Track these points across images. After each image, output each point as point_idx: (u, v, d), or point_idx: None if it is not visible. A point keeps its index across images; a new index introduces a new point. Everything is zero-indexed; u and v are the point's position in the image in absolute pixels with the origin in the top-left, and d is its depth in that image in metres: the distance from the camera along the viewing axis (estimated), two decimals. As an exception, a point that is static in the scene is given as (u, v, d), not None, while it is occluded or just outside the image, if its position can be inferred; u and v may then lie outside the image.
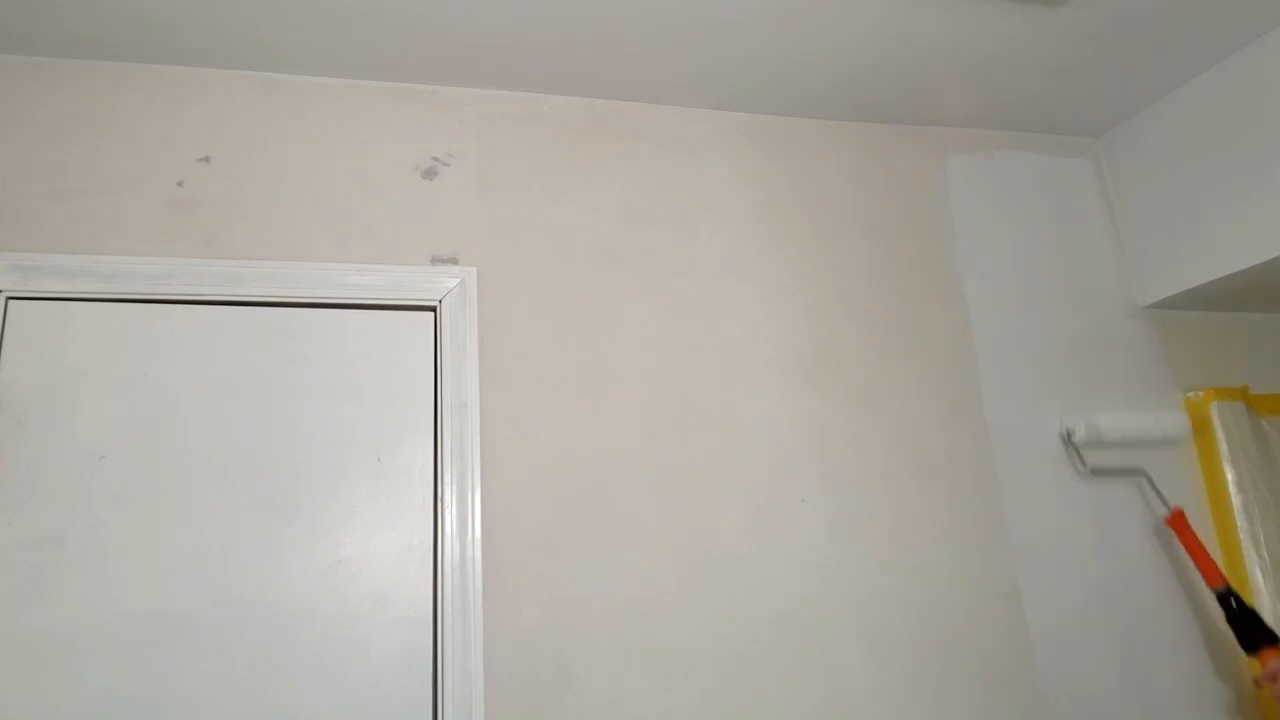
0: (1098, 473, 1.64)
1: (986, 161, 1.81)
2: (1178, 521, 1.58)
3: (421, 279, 1.43)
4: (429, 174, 1.50)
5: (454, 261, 1.46)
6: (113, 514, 1.23)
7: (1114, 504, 1.64)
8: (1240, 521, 1.65)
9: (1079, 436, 1.63)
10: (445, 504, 1.33)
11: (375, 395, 1.37)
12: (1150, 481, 1.64)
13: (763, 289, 1.60)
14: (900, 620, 1.47)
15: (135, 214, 1.36)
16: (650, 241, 1.57)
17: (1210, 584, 1.52)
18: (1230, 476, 1.67)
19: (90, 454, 1.24)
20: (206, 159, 1.41)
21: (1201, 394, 1.73)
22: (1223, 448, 1.69)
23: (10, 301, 1.28)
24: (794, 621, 1.42)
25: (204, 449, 1.28)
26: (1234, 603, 1.49)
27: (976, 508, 1.57)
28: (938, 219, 1.74)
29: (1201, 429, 1.72)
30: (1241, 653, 1.49)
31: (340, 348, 1.38)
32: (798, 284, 1.62)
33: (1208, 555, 1.54)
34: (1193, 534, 1.56)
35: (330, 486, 1.31)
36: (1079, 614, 1.55)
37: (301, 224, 1.42)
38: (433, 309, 1.43)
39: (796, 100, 1.68)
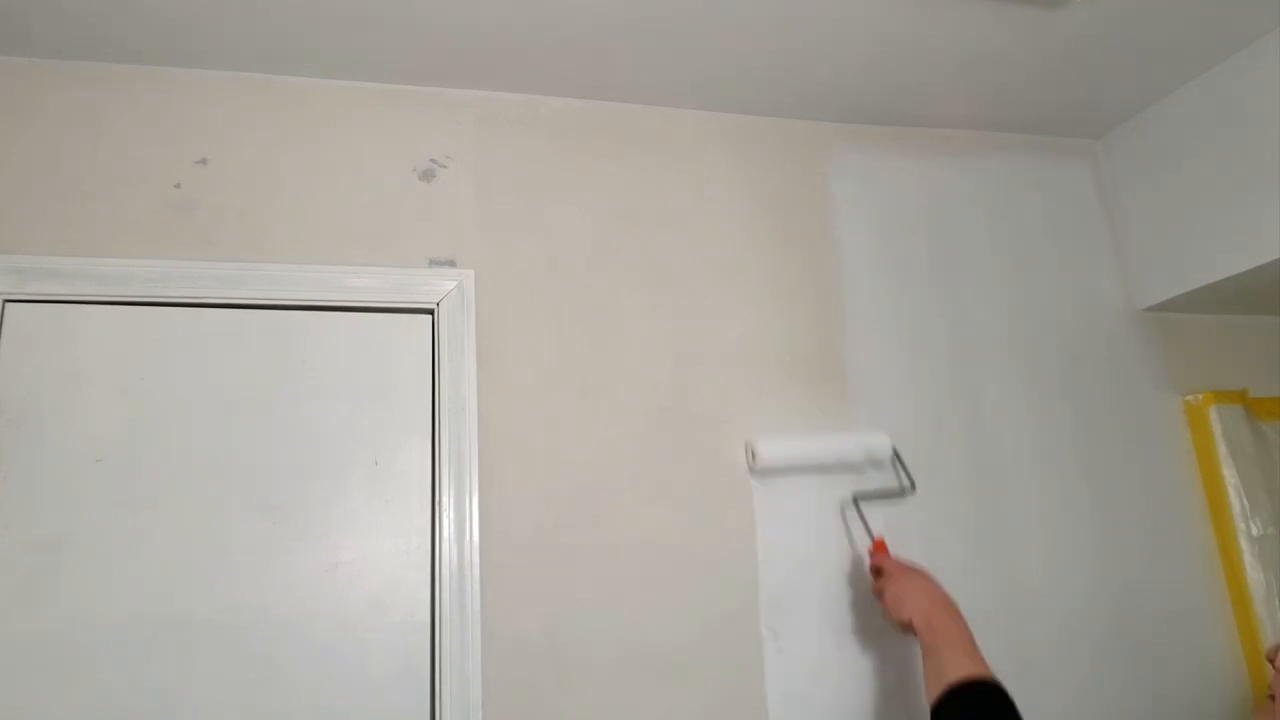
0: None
1: (984, 163, 1.81)
2: (879, 550, 1.44)
3: (419, 281, 1.43)
4: (426, 176, 1.50)
5: (451, 264, 1.46)
6: (110, 517, 1.23)
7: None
8: (1239, 525, 1.65)
9: (756, 462, 1.45)
10: (443, 507, 1.33)
11: (373, 398, 1.37)
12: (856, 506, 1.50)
13: (762, 291, 1.60)
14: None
15: (133, 216, 1.36)
16: (648, 243, 1.57)
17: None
18: (1229, 480, 1.67)
19: (88, 456, 1.24)
20: (204, 161, 1.41)
21: (1200, 397, 1.73)
22: (1222, 451, 1.69)
23: (8, 304, 1.27)
24: (795, 625, 1.42)
25: (202, 452, 1.28)
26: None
27: (979, 507, 1.57)
28: (935, 220, 1.74)
29: (1200, 432, 1.72)
30: None
31: (337, 350, 1.38)
32: (797, 285, 1.62)
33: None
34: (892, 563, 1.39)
35: (328, 489, 1.31)
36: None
37: (299, 226, 1.42)
38: (430, 311, 1.43)
39: (794, 101, 1.67)
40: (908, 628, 1.27)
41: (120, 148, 1.38)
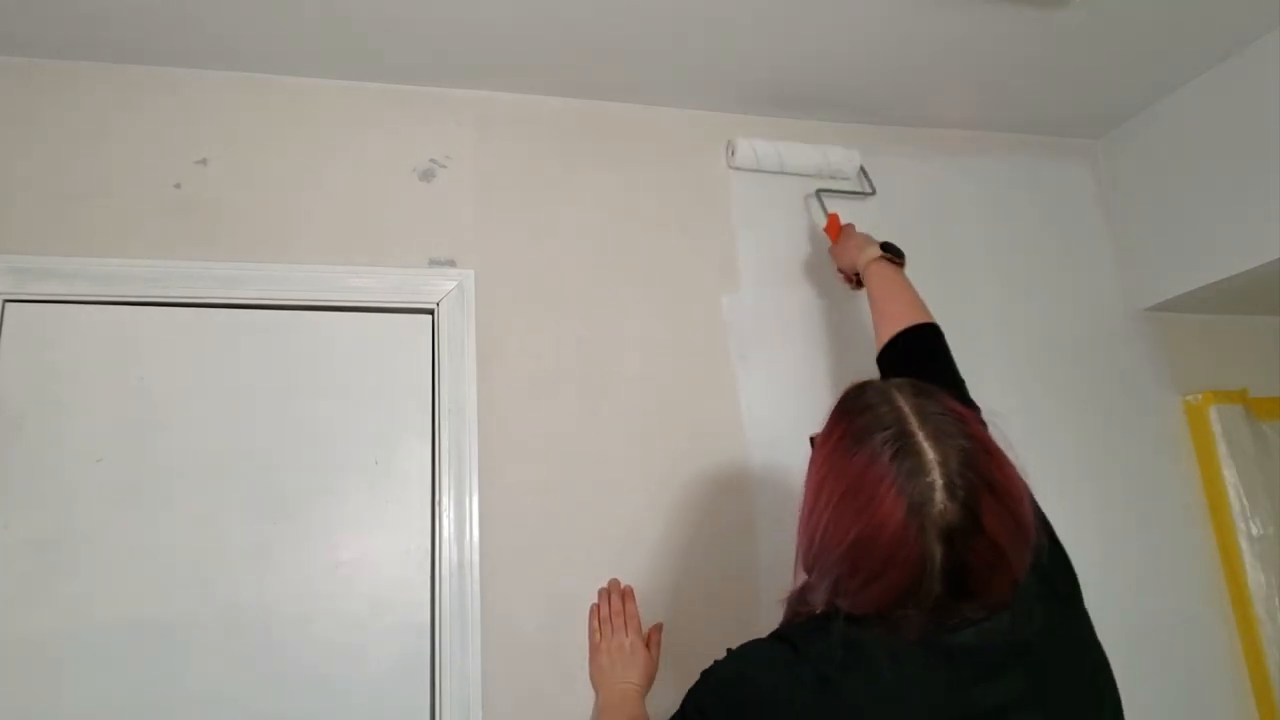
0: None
1: (984, 163, 1.81)
2: (832, 226, 1.55)
3: (419, 281, 1.43)
4: (426, 176, 1.50)
5: (451, 264, 1.46)
6: (110, 517, 1.23)
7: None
8: (1239, 525, 1.65)
9: (736, 158, 1.63)
10: (443, 507, 1.33)
11: (373, 398, 1.37)
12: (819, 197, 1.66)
13: (762, 290, 1.60)
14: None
15: (133, 216, 1.36)
16: (648, 243, 1.57)
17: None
18: (1229, 479, 1.67)
19: (88, 456, 1.24)
20: (204, 161, 1.41)
21: (1201, 397, 1.73)
22: (1222, 451, 1.69)
23: (8, 304, 1.27)
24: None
25: (202, 451, 1.28)
26: None
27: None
28: (936, 220, 1.74)
29: (1201, 432, 1.72)
30: None
31: (338, 350, 1.38)
32: (797, 284, 1.62)
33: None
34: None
35: (328, 489, 1.31)
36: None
37: (299, 226, 1.42)
38: (430, 311, 1.43)
39: (794, 101, 1.67)
40: (853, 280, 1.42)
41: (120, 148, 1.39)
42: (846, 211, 1.60)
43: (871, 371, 1.59)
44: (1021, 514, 0.77)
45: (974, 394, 1.68)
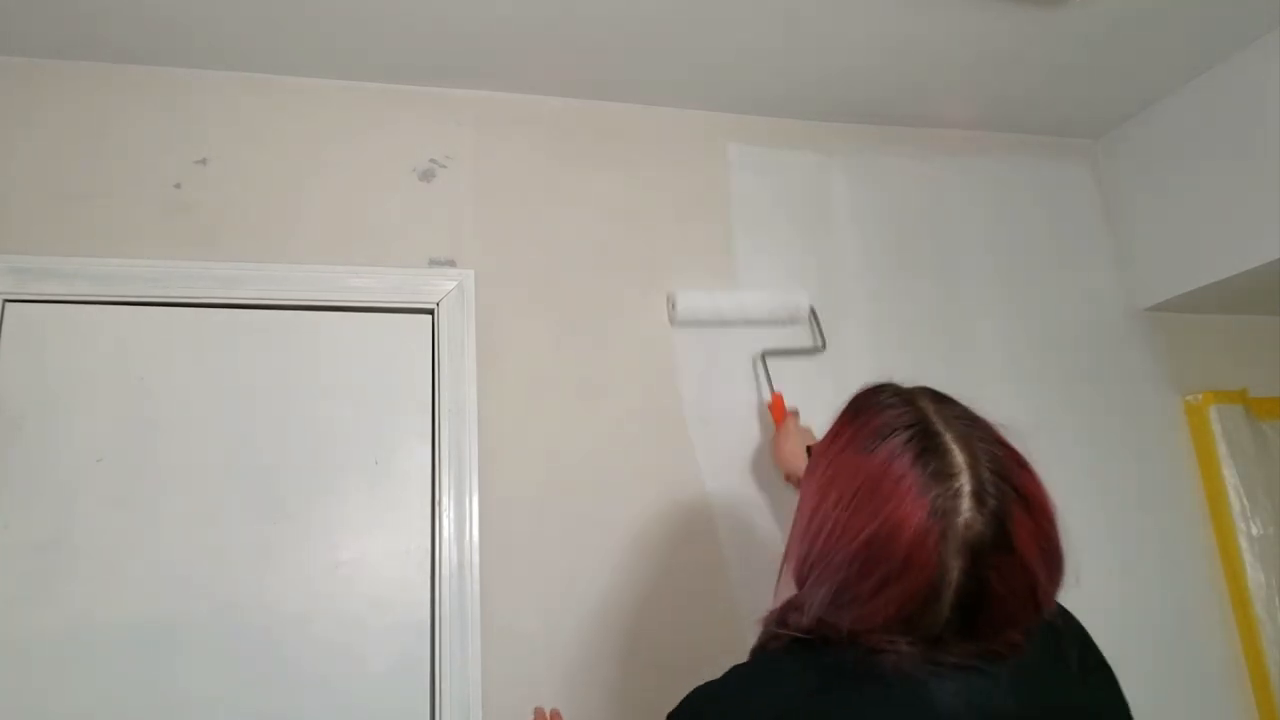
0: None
1: (984, 163, 1.81)
2: (776, 407, 1.45)
3: (419, 281, 1.43)
4: (426, 176, 1.50)
5: (451, 264, 1.46)
6: (110, 517, 1.23)
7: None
8: (1239, 524, 1.65)
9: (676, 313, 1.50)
10: (443, 507, 1.33)
11: (373, 398, 1.37)
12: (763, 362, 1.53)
13: (762, 291, 1.60)
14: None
15: (133, 216, 1.36)
16: (648, 243, 1.57)
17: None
18: (1229, 479, 1.67)
19: (88, 457, 1.24)
20: (204, 161, 1.41)
21: (1201, 397, 1.73)
22: (1222, 450, 1.69)
23: (8, 304, 1.28)
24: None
25: (201, 452, 1.28)
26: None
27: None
28: (935, 220, 1.74)
29: (1201, 432, 1.72)
30: None
31: (338, 350, 1.38)
32: (796, 285, 1.62)
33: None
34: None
35: (328, 489, 1.31)
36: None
37: (299, 226, 1.42)
38: (430, 311, 1.43)
39: (793, 101, 1.67)
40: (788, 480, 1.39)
41: (120, 147, 1.39)
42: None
43: (876, 372, 1.60)
44: (1055, 536, 0.69)
45: (974, 396, 1.66)
